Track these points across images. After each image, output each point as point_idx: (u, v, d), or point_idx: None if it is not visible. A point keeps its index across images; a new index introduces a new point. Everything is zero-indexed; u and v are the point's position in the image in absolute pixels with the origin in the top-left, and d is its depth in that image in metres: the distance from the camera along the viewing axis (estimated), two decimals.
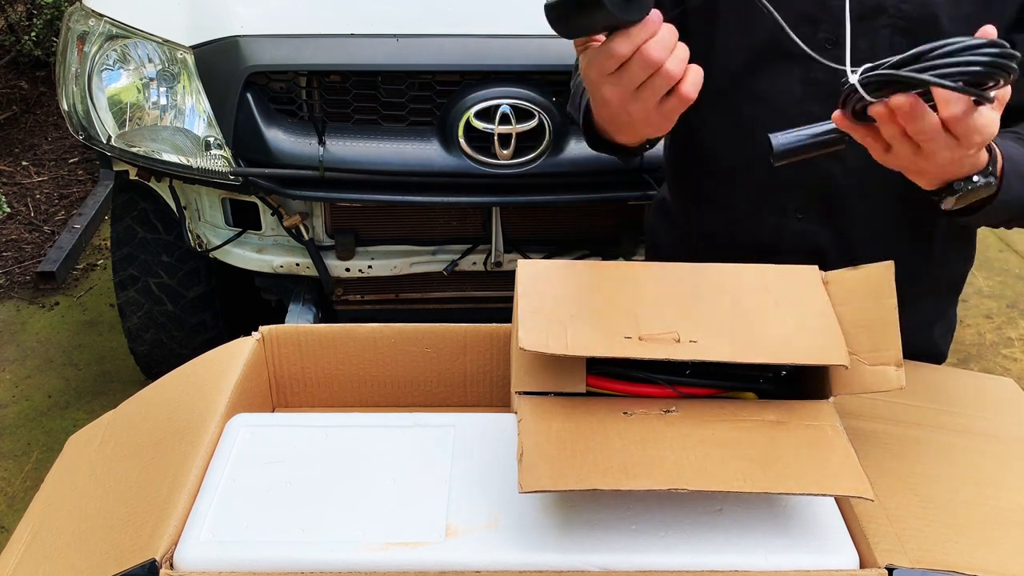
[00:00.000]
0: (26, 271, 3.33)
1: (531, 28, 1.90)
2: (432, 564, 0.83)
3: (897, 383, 0.92)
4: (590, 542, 0.84)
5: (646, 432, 0.87)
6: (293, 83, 1.93)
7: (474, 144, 1.93)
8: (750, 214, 1.23)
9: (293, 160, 1.93)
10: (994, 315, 3.18)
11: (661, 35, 0.87)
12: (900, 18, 1.07)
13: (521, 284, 0.97)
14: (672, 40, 0.88)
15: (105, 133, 2.03)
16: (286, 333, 1.20)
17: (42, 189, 3.87)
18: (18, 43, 4.29)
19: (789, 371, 0.96)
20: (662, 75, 0.88)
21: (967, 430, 1.05)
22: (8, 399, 2.72)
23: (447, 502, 0.89)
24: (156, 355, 2.51)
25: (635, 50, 0.87)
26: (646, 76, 0.89)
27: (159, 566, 0.82)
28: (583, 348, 0.88)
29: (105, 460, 1.02)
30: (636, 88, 0.90)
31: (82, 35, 2.02)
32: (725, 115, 1.19)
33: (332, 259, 2.15)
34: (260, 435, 0.99)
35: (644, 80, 0.89)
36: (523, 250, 2.17)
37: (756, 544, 0.84)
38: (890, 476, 0.94)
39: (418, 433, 0.99)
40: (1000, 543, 0.88)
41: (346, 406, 1.23)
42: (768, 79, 1.15)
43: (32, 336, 3.01)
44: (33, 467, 2.48)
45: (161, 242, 2.36)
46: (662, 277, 0.99)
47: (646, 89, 0.90)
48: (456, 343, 1.21)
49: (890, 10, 1.08)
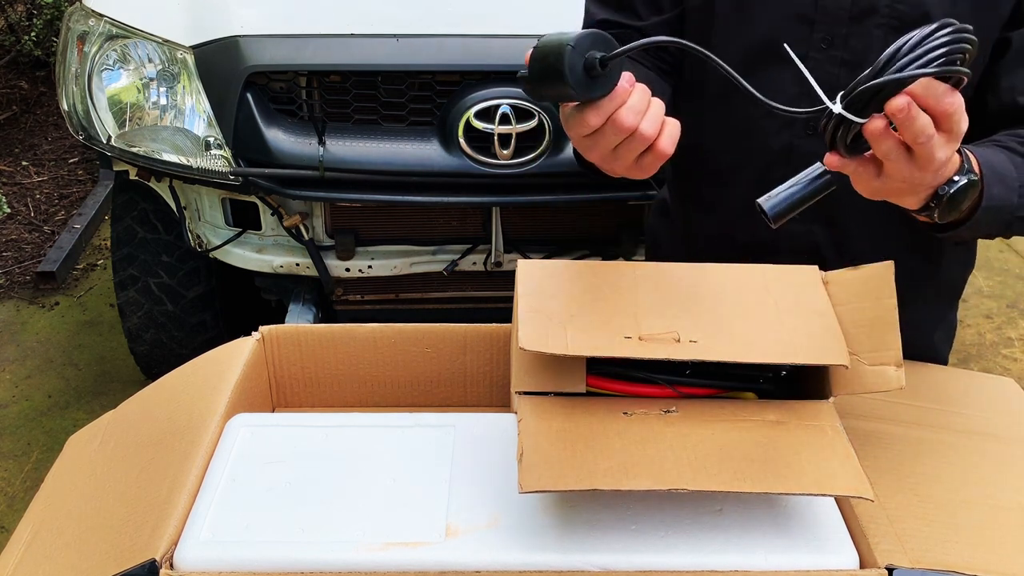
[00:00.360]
0: (26, 271, 3.33)
1: (531, 28, 1.90)
2: (432, 564, 0.83)
3: (897, 383, 0.92)
4: (590, 542, 0.84)
5: (646, 432, 0.87)
6: (293, 83, 1.93)
7: (474, 144, 1.93)
8: (746, 215, 1.23)
9: (293, 160, 1.93)
10: (994, 315, 3.18)
11: (632, 102, 0.87)
12: (894, 18, 1.07)
13: (521, 284, 0.97)
14: (643, 103, 0.88)
15: (105, 133, 2.03)
16: (286, 333, 1.20)
17: (42, 189, 3.87)
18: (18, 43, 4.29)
19: (789, 371, 0.96)
20: (636, 138, 0.88)
21: (967, 430, 1.05)
22: (8, 399, 2.72)
23: (447, 502, 0.89)
24: (156, 355, 2.51)
25: (606, 120, 0.86)
26: (620, 141, 0.88)
27: (159, 566, 0.82)
28: (583, 348, 0.88)
29: (105, 460, 1.02)
30: (612, 149, 0.90)
31: (82, 35, 2.02)
32: (721, 116, 1.19)
33: (332, 259, 2.15)
34: (260, 435, 0.99)
35: (619, 143, 0.89)
36: (523, 250, 2.17)
37: (756, 544, 0.84)
38: (890, 476, 0.94)
39: (418, 433, 0.99)
40: (1000, 543, 0.88)
41: (346, 406, 1.23)
42: (762, 80, 1.15)
43: (32, 336, 3.01)
44: (33, 467, 2.48)
45: (161, 242, 2.36)
46: (662, 277, 0.99)
47: (622, 150, 0.90)
48: (456, 343, 1.21)
49: (883, 10, 1.08)
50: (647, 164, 0.92)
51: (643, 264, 1.03)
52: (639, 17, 1.21)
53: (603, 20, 1.23)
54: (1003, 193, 0.99)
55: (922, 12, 1.06)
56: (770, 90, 1.15)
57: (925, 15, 1.06)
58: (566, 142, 1.96)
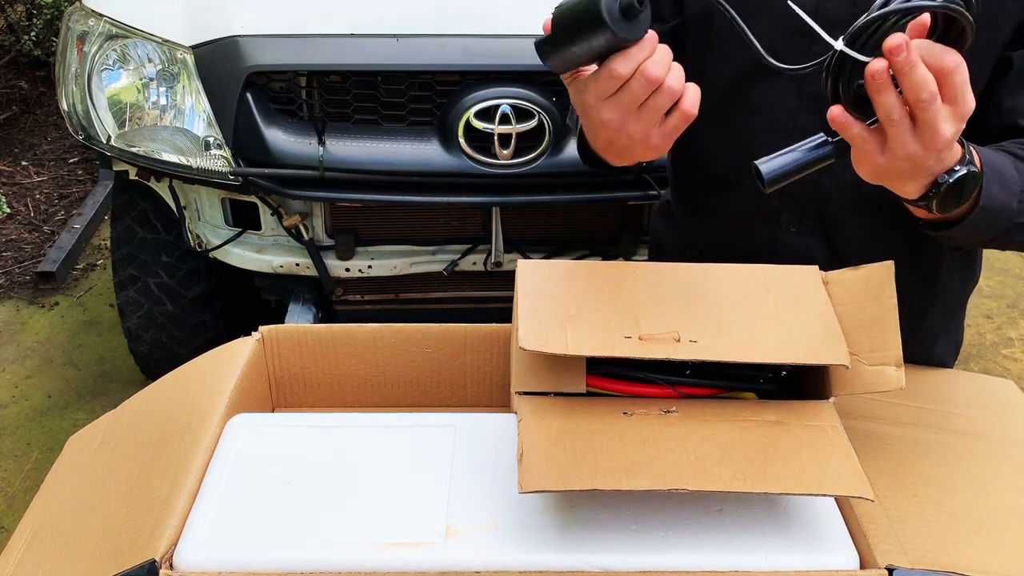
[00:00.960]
0: (26, 271, 3.33)
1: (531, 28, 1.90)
2: (432, 564, 0.83)
3: (897, 383, 0.92)
4: (590, 542, 0.84)
5: (646, 432, 0.87)
6: (293, 83, 1.93)
7: (474, 144, 1.93)
8: (744, 225, 1.23)
9: (293, 160, 1.93)
10: (994, 315, 3.18)
11: (659, 55, 0.86)
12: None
13: (521, 284, 0.97)
14: (669, 58, 0.87)
15: (105, 133, 2.03)
16: (286, 333, 1.20)
17: (42, 189, 3.87)
18: (18, 43, 4.29)
19: (789, 371, 0.96)
20: (664, 91, 0.87)
21: (967, 431, 1.05)
22: (8, 399, 2.72)
23: (447, 502, 0.89)
24: (156, 355, 2.51)
25: (635, 69, 0.86)
26: (647, 95, 0.87)
27: (159, 566, 0.82)
28: (583, 348, 0.88)
29: (105, 460, 1.02)
30: (637, 108, 0.89)
31: (82, 35, 2.02)
32: (720, 126, 1.19)
33: (332, 259, 2.15)
34: (260, 435, 0.99)
35: (645, 99, 0.88)
36: (523, 250, 2.17)
37: (756, 544, 0.84)
38: (890, 477, 0.94)
39: (418, 433, 0.99)
40: (1000, 544, 0.88)
41: (346, 406, 1.23)
42: (762, 91, 1.15)
43: (32, 336, 3.01)
44: (33, 467, 2.48)
45: (161, 242, 2.36)
46: (662, 277, 1.00)
47: (647, 109, 0.88)
48: (456, 343, 1.21)
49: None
50: (670, 128, 0.90)
51: (643, 264, 1.03)
52: None
53: None
54: (1002, 195, 0.97)
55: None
56: (769, 102, 1.15)
57: None
58: (566, 142, 1.96)
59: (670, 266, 1.01)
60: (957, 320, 1.35)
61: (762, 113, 1.15)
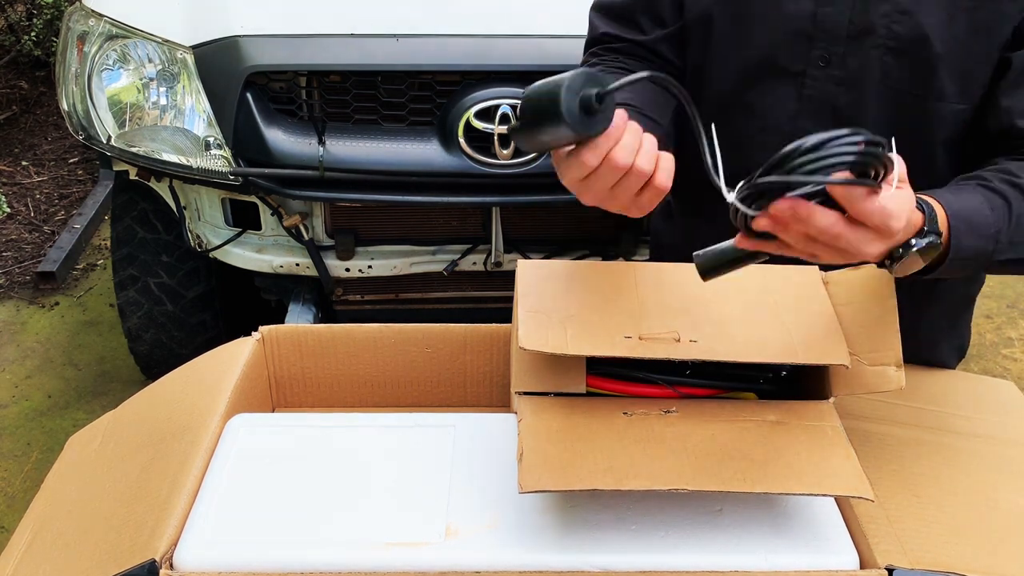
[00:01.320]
0: (26, 271, 3.33)
1: (531, 28, 1.90)
2: (432, 564, 0.83)
3: (897, 383, 0.92)
4: (590, 542, 0.84)
5: (646, 432, 0.87)
6: (293, 83, 1.93)
7: (474, 144, 1.93)
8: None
9: (293, 160, 1.93)
10: (994, 315, 3.18)
11: (626, 140, 0.86)
12: (891, 39, 1.06)
13: (521, 284, 0.97)
14: (637, 141, 0.87)
15: (105, 133, 2.03)
16: (286, 333, 1.20)
17: (42, 189, 3.87)
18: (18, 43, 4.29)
19: (789, 371, 0.96)
20: (633, 174, 0.88)
21: (967, 432, 1.05)
22: (8, 399, 2.72)
23: (447, 502, 0.89)
24: (156, 355, 2.51)
25: (602, 159, 0.86)
26: (617, 180, 0.88)
27: (159, 566, 0.82)
28: (583, 348, 0.88)
29: (105, 460, 1.02)
30: (610, 189, 0.89)
31: (82, 35, 2.02)
32: (720, 129, 1.19)
33: (332, 259, 2.15)
34: (260, 435, 0.99)
35: (616, 182, 0.88)
36: (523, 250, 2.17)
37: (756, 544, 0.84)
38: (890, 477, 0.94)
39: (418, 433, 0.99)
40: (999, 545, 0.88)
41: (346, 406, 1.23)
42: (762, 94, 1.15)
43: (32, 336, 3.01)
44: (33, 467, 2.48)
45: (161, 242, 2.36)
46: (662, 277, 1.00)
47: (620, 189, 0.89)
48: (456, 343, 1.21)
49: (880, 31, 1.06)
50: (645, 201, 0.91)
51: (643, 264, 1.03)
52: (642, 31, 1.21)
53: (606, 33, 1.23)
54: (975, 242, 0.94)
55: (919, 34, 1.05)
56: (769, 106, 1.15)
57: (922, 36, 1.05)
58: None
59: (670, 266, 1.01)
60: (961, 322, 1.34)
61: (762, 116, 1.15)
